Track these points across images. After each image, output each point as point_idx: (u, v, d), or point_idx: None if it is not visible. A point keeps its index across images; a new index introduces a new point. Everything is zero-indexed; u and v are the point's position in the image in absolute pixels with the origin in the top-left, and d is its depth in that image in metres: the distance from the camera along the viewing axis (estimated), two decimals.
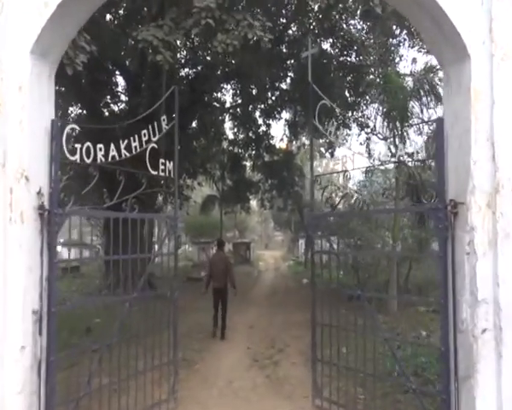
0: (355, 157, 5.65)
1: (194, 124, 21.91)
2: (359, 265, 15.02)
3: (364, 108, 22.28)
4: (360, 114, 22.70)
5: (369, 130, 23.54)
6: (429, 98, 12.38)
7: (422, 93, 12.30)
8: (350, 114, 22.62)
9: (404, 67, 25.55)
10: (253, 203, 43.53)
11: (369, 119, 22.43)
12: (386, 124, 14.25)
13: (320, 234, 6.07)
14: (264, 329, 11.26)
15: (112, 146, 4.81)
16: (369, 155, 23.53)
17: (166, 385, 6.00)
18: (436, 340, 8.40)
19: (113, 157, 4.90)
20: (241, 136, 25.72)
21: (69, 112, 18.44)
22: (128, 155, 5.04)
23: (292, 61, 20.63)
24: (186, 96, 17.10)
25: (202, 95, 19.01)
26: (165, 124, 5.62)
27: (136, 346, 5.58)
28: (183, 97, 17.40)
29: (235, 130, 25.95)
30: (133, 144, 5.09)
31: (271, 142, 25.37)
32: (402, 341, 8.61)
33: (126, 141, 5.00)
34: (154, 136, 5.36)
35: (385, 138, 25.71)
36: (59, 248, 27.49)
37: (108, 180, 13.10)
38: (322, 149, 50.91)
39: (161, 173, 5.55)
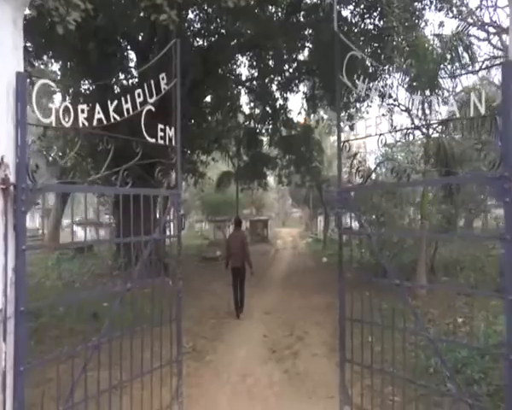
0: (387, 119, 4.69)
1: (208, 98, 21.10)
2: (384, 244, 14.15)
3: (387, 77, 21.27)
4: (382, 84, 21.65)
5: (391, 100, 22.59)
6: (463, 60, 11.26)
7: (455, 55, 11.17)
8: (371, 84, 21.48)
9: (430, 31, 24.05)
10: (270, 180, 42.67)
11: (391, 88, 21.46)
12: (411, 92, 13.25)
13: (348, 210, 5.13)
14: (282, 314, 10.47)
15: (98, 108, 3.96)
16: (392, 128, 22.62)
17: (170, 386, 5.22)
18: (475, 329, 7.58)
19: (101, 121, 4.04)
20: (258, 110, 24.84)
21: (81, 89, 17.66)
22: (119, 119, 4.19)
23: (309, 31, 19.58)
24: (199, 69, 16.19)
25: (216, 67, 18.07)
26: (165, 83, 4.74)
27: (136, 340, 4.76)
28: (195, 69, 16.56)
29: (252, 104, 25.01)
30: (125, 106, 4.25)
31: (289, 116, 24.40)
32: (441, 332, 7.71)
33: (116, 102, 4.16)
34: (151, 97, 4.51)
35: (407, 110, 24.68)
36: (76, 227, 26.93)
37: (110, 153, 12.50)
38: (341, 124, 49.68)
39: (160, 141, 4.68)
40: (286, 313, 10.60)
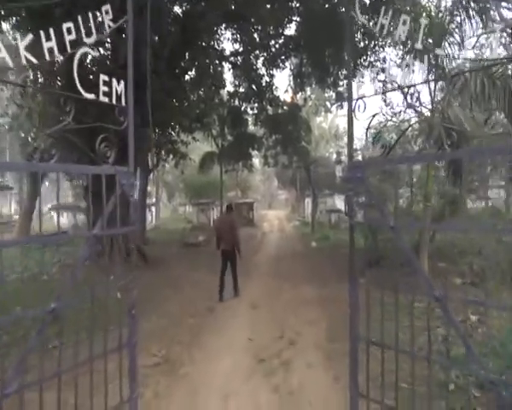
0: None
1: (189, 74, 19.74)
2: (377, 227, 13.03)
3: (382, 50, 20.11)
4: (375, 59, 20.48)
5: (383, 77, 21.34)
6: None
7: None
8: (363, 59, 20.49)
9: None
10: (256, 161, 41.40)
11: (384, 62, 20.23)
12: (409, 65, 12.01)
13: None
14: (270, 310, 9.28)
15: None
16: (386, 104, 21.36)
17: None
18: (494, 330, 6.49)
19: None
20: (242, 88, 23.55)
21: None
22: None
23: (297, 4, 18.29)
24: (177, 37, 14.80)
25: (197, 36, 16.63)
26: (110, 19, 3.45)
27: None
28: (173, 38, 15.16)
29: (236, 81, 23.66)
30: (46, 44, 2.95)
31: (275, 94, 23.18)
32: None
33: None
34: (89, 36, 3.23)
35: (400, 87, 23.54)
36: (53, 213, 25.50)
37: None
38: (328, 104, 48.68)
39: (103, 98, 3.40)
40: (274, 307, 9.42)
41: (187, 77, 19.16)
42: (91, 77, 11.89)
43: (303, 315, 8.69)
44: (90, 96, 3.29)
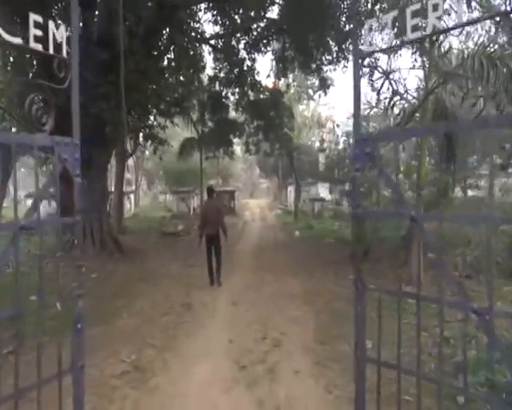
0: None
1: (168, 56, 18.84)
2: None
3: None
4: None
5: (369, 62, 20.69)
6: None
7: None
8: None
9: None
10: (237, 149, 40.54)
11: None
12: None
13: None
14: (252, 305, 8.53)
15: None
16: (373, 88, 20.71)
17: None
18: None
19: None
20: (223, 73, 22.69)
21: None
22: None
23: None
24: (153, 14, 13.89)
25: (174, 14, 15.69)
26: None
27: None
28: (149, 14, 14.22)
29: (216, 64, 22.78)
30: None
31: (257, 78, 22.35)
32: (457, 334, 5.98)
33: None
34: None
35: (385, 73, 22.91)
36: (27, 202, 24.29)
37: None
38: (311, 91, 47.98)
39: (35, 45, 2.60)
40: (257, 303, 8.69)
41: (165, 59, 18.32)
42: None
43: (287, 312, 8.00)
44: (17, 40, 2.47)
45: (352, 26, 18.72)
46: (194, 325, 7.37)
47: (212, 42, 21.38)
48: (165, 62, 17.91)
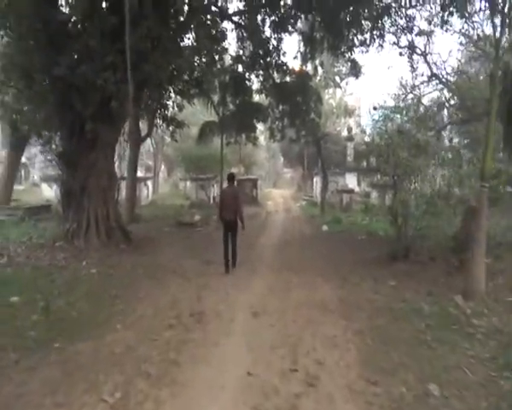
0: None
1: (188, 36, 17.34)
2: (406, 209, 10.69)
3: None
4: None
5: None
6: None
7: None
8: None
9: None
10: (261, 138, 38.86)
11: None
12: None
13: None
14: (277, 318, 6.88)
15: None
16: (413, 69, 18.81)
17: None
18: None
19: None
20: (247, 51, 21.02)
21: None
22: None
23: None
24: None
25: None
26: None
27: None
28: None
29: (240, 44, 21.11)
30: None
31: (283, 59, 20.64)
32: None
33: None
34: None
35: (423, 54, 20.97)
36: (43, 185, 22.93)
37: None
38: (337, 78, 46.06)
39: None
40: (282, 315, 7.04)
41: (183, 38, 16.81)
42: None
43: (321, 329, 6.35)
44: None
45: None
46: (204, 346, 5.79)
47: (236, 18, 19.70)
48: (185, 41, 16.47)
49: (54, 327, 6.22)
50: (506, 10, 7.47)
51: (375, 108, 16.56)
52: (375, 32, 18.15)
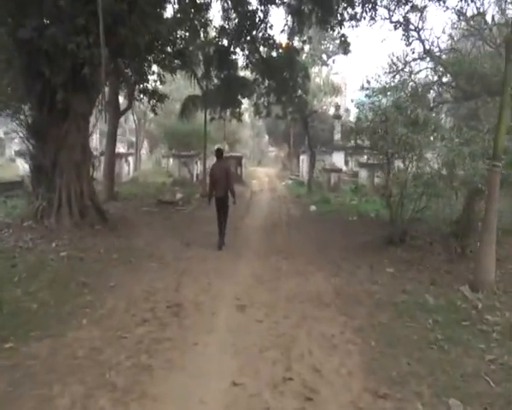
0: None
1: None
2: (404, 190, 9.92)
3: None
4: None
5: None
6: None
7: None
8: None
9: None
10: (245, 115, 37.77)
11: None
12: None
13: None
14: (266, 313, 6.04)
15: None
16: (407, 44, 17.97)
17: None
18: None
19: None
20: (232, 23, 20.02)
21: None
22: None
23: None
24: None
25: None
26: None
27: None
28: None
29: (225, 15, 20.09)
30: None
31: (270, 33, 19.75)
32: None
33: None
34: None
35: (417, 29, 20.07)
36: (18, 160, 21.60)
37: None
38: (324, 56, 45.04)
39: None
40: (272, 310, 6.20)
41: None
42: None
43: (318, 327, 5.57)
44: None
45: None
46: (181, 346, 4.96)
47: None
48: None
49: (7, 323, 5.32)
50: None
51: (368, 82, 15.71)
52: (366, 5, 17.35)
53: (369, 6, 17.54)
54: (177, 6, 17.14)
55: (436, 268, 8.12)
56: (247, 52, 21.09)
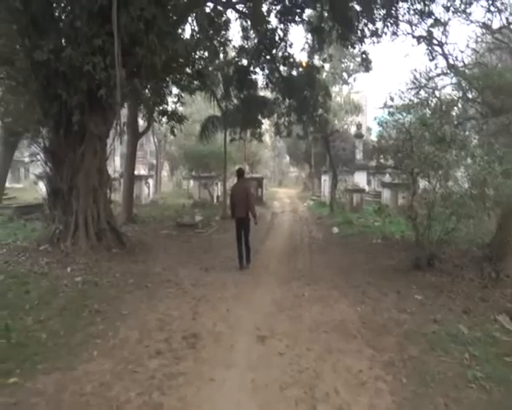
0: None
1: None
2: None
3: None
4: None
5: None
6: None
7: None
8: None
9: None
10: (266, 137, 37.68)
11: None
12: None
13: None
14: (288, 345, 5.63)
15: None
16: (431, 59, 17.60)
17: None
18: None
19: None
20: (251, 42, 19.98)
21: None
22: None
23: None
24: None
25: None
26: None
27: None
28: None
29: (244, 34, 20.05)
30: None
31: (289, 51, 19.57)
32: None
33: None
34: None
35: (440, 44, 19.68)
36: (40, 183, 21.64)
37: None
38: (345, 74, 44.87)
39: None
40: (295, 341, 5.76)
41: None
42: None
43: (343, 361, 5.14)
44: None
45: None
46: (196, 382, 4.60)
47: (239, 7, 18.54)
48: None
49: (13, 354, 5.04)
50: None
51: (392, 99, 15.29)
52: (388, 20, 17.06)
53: (391, 21, 17.24)
54: (195, 26, 17.10)
55: (468, 295, 7.62)
56: (266, 71, 20.88)
